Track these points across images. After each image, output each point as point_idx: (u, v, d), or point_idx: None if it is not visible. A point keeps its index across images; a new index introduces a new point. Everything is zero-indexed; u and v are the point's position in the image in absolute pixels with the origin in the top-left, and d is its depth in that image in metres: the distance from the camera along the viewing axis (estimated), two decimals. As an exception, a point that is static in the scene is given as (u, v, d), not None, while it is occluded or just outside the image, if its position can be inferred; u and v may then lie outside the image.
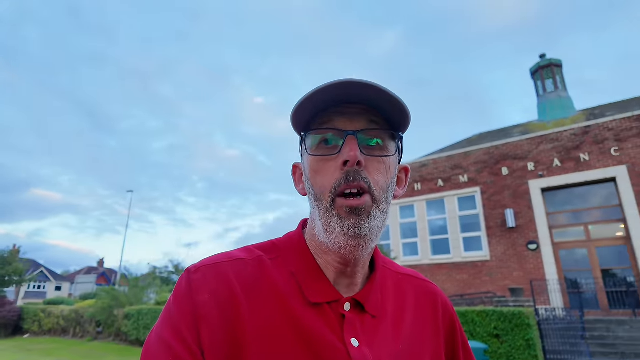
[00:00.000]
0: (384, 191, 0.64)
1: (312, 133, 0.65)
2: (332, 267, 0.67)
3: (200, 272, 0.64)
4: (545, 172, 12.94)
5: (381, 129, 0.64)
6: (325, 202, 0.62)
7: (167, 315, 0.62)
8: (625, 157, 11.82)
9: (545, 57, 19.21)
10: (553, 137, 13.21)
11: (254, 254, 0.69)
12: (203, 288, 0.61)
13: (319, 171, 0.64)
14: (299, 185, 0.75)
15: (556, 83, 18.60)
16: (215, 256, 0.68)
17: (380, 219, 0.63)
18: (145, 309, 12.85)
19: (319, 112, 0.64)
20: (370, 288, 0.69)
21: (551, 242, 12.34)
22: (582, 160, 12.45)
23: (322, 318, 0.63)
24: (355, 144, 0.61)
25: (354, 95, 0.60)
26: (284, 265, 0.68)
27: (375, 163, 0.64)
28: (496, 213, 13.38)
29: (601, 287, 11.46)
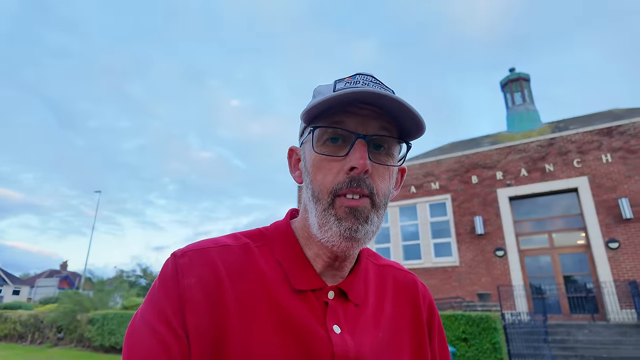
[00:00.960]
0: (385, 197, 0.65)
1: (320, 128, 0.64)
2: (320, 258, 0.67)
3: (187, 256, 0.63)
4: (512, 181, 13.41)
5: (392, 136, 0.64)
6: (324, 201, 0.62)
7: (152, 298, 0.61)
8: (586, 168, 12.41)
9: (515, 71, 19.99)
10: (520, 148, 13.72)
11: (240, 240, 0.69)
12: (189, 272, 0.61)
13: (321, 169, 0.63)
14: (294, 171, 0.74)
15: (524, 96, 19.37)
16: (201, 242, 0.68)
17: (377, 223, 0.63)
18: (110, 314, 12.41)
19: (330, 107, 0.62)
20: (354, 278, 0.70)
21: (517, 249, 12.76)
22: (547, 170, 12.98)
23: (306, 305, 0.63)
24: (365, 149, 0.60)
25: (368, 97, 0.59)
26: (270, 253, 0.68)
27: (381, 169, 0.63)
28: (466, 220, 13.74)
29: (563, 293, 11.94)
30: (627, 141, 12.10)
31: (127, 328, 0.61)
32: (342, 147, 0.63)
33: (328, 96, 0.59)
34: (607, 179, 12.00)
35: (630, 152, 11.96)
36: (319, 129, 0.64)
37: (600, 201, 11.90)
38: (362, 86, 0.61)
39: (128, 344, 0.58)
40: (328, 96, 0.59)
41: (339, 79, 0.66)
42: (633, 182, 11.65)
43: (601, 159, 12.28)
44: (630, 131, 12.17)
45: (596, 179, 12.16)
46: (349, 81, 0.64)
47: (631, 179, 11.70)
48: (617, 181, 11.86)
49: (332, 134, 0.63)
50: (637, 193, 11.48)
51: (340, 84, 0.64)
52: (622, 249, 11.27)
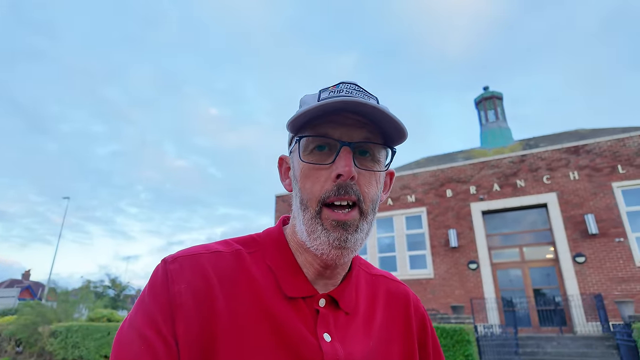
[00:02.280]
0: (373, 203, 0.65)
1: (306, 137, 0.65)
2: (311, 266, 0.68)
3: (177, 262, 0.63)
4: (485, 195, 13.75)
5: (376, 143, 0.65)
6: (312, 209, 0.63)
7: (141, 304, 0.60)
8: (555, 185, 12.88)
9: (489, 90, 20.69)
10: (493, 164, 14.13)
11: (232, 247, 0.69)
12: (179, 278, 0.61)
13: (309, 177, 0.64)
14: (284, 179, 0.75)
15: (497, 114, 20.03)
16: (192, 248, 0.67)
17: (366, 230, 0.64)
18: (75, 326, 11.86)
19: (315, 117, 0.63)
20: (345, 286, 0.70)
21: (490, 262, 13.03)
22: (518, 186, 13.39)
23: (297, 312, 0.63)
24: (350, 157, 0.61)
25: (350, 106, 0.60)
26: (262, 260, 0.68)
27: (367, 175, 0.64)
28: (440, 233, 13.96)
29: (533, 306, 12.23)
30: (593, 159, 12.66)
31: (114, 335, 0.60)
32: (329, 155, 0.64)
33: (310, 106, 0.60)
34: (574, 196, 12.48)
35: (595, 170, 12.50)
36: (305, 139, 0.65)
37: (568, 217, 12.34)
38: (345, 94, 0.63)
39: (116, 350, 0.57)
40: (310, 106, 0.60)
41: (323, 89, 0.67)
42: (598, 199, 12.15)
43: (569, 176, 12.77)
44: (596, 150, 12.74)
45: (564, 195, 12.63)
46: (332, 90, 0.65)
47: (596, 195, 12.21)
48: (583, 198, 12.35)
49: (318, 142, 0.64)
50: (602, 210, 11.98)
51: (325, 93, 0.65)
52: (588, 263, 11.69)
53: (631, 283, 11.07)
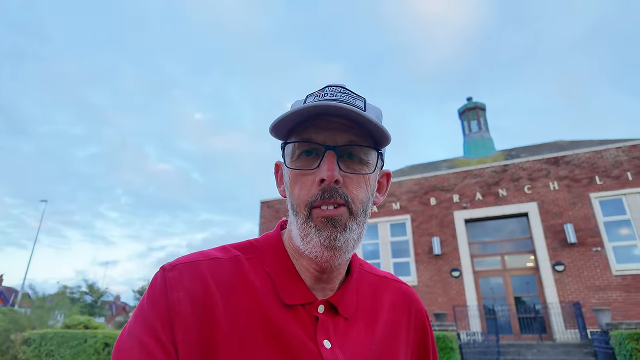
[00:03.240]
0: (363, 204, 0.65)
1: (291, 143, 0.65)
2: (307, 271, 0.67)
3: (176, 269, 0.63)
4: (468, 204, 13.96)
5: (361, 145, 0.64)
6: (302, 214, 0.63)
7: (140, 312, 0.61)
8: (536, 194, 13.17)
9: (472, 100, 21.10)
10: (476, 173, 14.37)
11: (230, 253, 0.69)
12: (178, 286, 0.61)
13: (296, 183, 0.65)
14: (280, 185, 0.75)
15: (480, 124, 20.43)
16: (191, 255, 0.67)
17: (357, 231, 0.64)
18: (50, 333, 11.46)
19: (299, 122, 0.64)
20: (344, 291, 0.70)
21: (472, 270, 13.20)
22: (500, 195, 13.65)
23: (296, 320, 0.63)
24: (333, 161, 0.61)
25: (334, 109, 0.60)
26: (261, 266, 0.68)
27: (355, 178, 0.64)
28: (424, 240, 14.08)
29: (514, 314, 12.41)
30: (572, 170, 13.01)
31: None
32: (315, 159, 0.64)
33: (290, 111, 0.60)
34: (554, 205, 12.78)
35: (574, 181, 12.85)
36: (292, 145, 0.66)
37: (547, 226, 12.62)
38: (329, 97, 0.63)
39: (116, 358, 0.57)
40: (290, 111, 0.60)
41: (310, 93, 0.67)
42: (577, 209, 12.47)
43: (549, 186, 13.09)
44: (575, 161, 13.11)
45: (544, 204, 12.92)
46: (318, 95, 0.65)
47: (575, 205, 12.53)
48: (563, 207, 12.66)
49: (304, 147, 0.64)
50: (581, 219, 12.29)
51: (311, 98, 0.65)
52: (567, 271, 11.95)
53: (608, 291, 11.36)
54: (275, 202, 17.41)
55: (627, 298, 11.14)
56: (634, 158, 12.41)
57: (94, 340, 10.75)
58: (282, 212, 17.04)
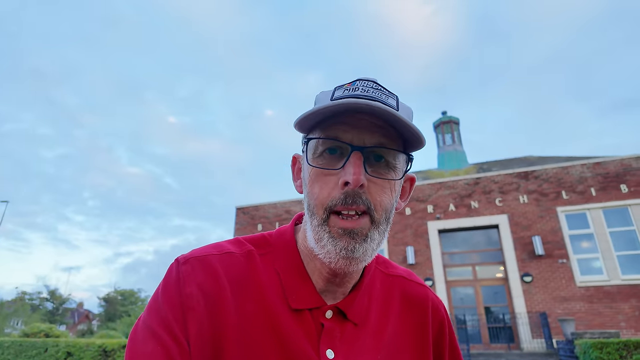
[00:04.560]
0: (387, 212, 0.61)
1: (316, 139, 0.62)
2: (320, 273, 0.65)
3: (189, 263, 0.63)
4: (442, 215, 14.25)
5: (390, 148, 0.60)
6: (319, 216, 0.59)
7: (154, 304, 0.61)
8: (506, 207, 13.60)
9: (447, 114, 21.68)
10: (450, 185, 14.72)
11: (244, 247, 0.68)
12: (191, 280, 0.61)
13: (317, 182, 0.61)
14: (296, 180, 0.72)
15: (454, 138, 21.00)
16: (205, 248, 0.67)
17: (377, 240, 0.60)
18: (7, 342, 10.85)
19: (326, 117, 0.60)
20: (355, 295, 0.67)
21: (444, 280, 13.43)
22: (472, 207, 14.01)
23: (301, 326, 0.62)
24: (360, 163, 0.57)
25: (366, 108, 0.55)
26: (272, 264, 0.67)
27: (380, 182, 0.60)
28: (399, 250, 14.25)
29: (484, 323, 12.69)
30: (540, 185, 13.52)
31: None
32: (339, 159, 0.60)
33: (319, 107, 0.57)
34: (523, 218, 13.23)
35: (542, 195, 13.35)
36: (315, 140, 0.62)
37: (517, 238, 13.03)
38: (360, 93, 0.59)
39: (130, 347, 0.58)
40: (319, 107, 0.57)
41: (338, 86, 0.63)
42: (544, 222, 12.95)
43: (519, 199, 13.54)
44: (543, 176, 13.64)
45: (514, 217, 13.35)
46: (347, 88, 0.61)
47: (543, 219, 13.01)
48: (531, 220, 13.12)
49: (328, 145, 0.60)
50: (548, 232, 12.77)
51: (339, 91, 0.61)
52: (534, 282, 12.34)
53: (572, 302, 11.80)
54: (250, 208, 17.24)
55: (589, 309, 11.60)
56: (598, 175, 13.04)
57: (56, 350, 10.24)
58: (257, 218, 16.88)
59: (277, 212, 16.72)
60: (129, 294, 38.37)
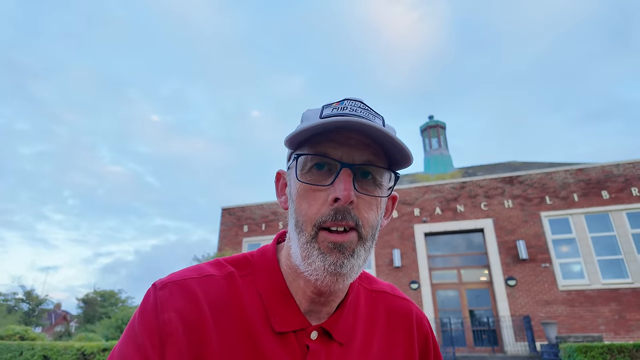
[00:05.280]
0: (373, 229, 0.61)
1: (305, 155, 0.61)
2: (304, 293, 0.64)
3: (167, 288, 0.61)
4: (428, 218, 14.34)
5: (379, 166, 0.61)
6: (307, 233, 0.59)
7: (130, 331, 0.59)
8: (491, 211, 13.76)
9: (433, 119, 21.89)
10: (436, 188, 14.83)
11: (224, 269, 0.66)
12: (169, 306, 0.59)
13: (306, 198, 0.60)
14: (280, 196, 0.71)
15: (440, 142, 21.21)
16: (183, 271, 0.65)
17: (363, 257, 0.60)
18: (-21, 344, 10.44)
19: (315, 134, 0.60)
20: (340, 314, 0.66)
21: (430, 283, 13.50)
22: (458, 210, 14.13)
23: (285, 349, 0.60)
24: (349, 180, 0.57)
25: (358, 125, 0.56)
26: (254, 284, 0.65)
27: (367, 199, 0.60)
28: (385, 252, 14.26)
29: (468, 326, 12.79)
30: (525, 190, 13.73)
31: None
32: (328, 175, 0.60)
33: (311, 124, 0.57)
34: (508, 222, 13.40)
35: (527, 200, 13.56)
36: (304, 157, 0.62)
37: (501, 242, 13.19)
38: (349, 112, 0.60)
39: None
40: (311, 124, 0.57)
41: (326, 104, 0.64)
42: (528, 226, 13.15)
43: (504, 204, 13.72)
44: (527, 181, 13.85)
45: (499, 221, 13.51)
46: (336, 107, 0.62)
47: (527, 223, 13.20)
48: (516, 225, 13.30)
49: (317, 161, 0.60)
50: (532, 236, 12.96)
51: (328, 110, 0.62)
52: (518, 286, 12.50)
53: (554, 305, 11.99)
54: (236, 209, 17.04)
55: (571, 312, 11.81)
56: (580, 181, 13.31)
57: (31, 353, 9.89)
58: (243, 219, 16.69)
59: (264, 214, 16.57)
60: (109, 294, 37.52)
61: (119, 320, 14.32)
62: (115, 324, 14.24)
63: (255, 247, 16.29)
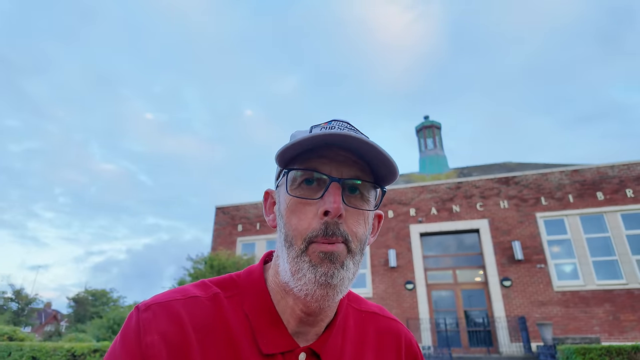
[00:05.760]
0: (361, 243, 0.62)
1: (295, 170, 0.62)
2: (292, 312, 0.63)
3: (151, 310, 0.60)
4: (424, 218, 14.28)
5: (367, 181, 0.62)
6: (297, 247, 0.59)
7: (111, 356, 0.58)
8: (487, 212, 13.73)
9: (429, 119, 21.87)
10: (432, 189, 14.78)
11: (210, 290, 0.65)
12: (152, 328, 0.58)
13: (295, 212, 0.61)
14: (269, 214, 0.71)
15: (435, 142, 21.20)
16: (168, 293, 0.64)
17: (352, 270, 0.60)
18: (-34, 345, 10.18)
19: (305, 151, 0.61)
20: (329, 334, 0.65)
21: (425, 283, 13.44)
22: (454, 211, 14.09)
23: None
24: (339, 193, 0.58)
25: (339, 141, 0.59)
26: (240, 306, 0.64)
27: (355, 213, 0.61)
28: (380, 252, 14.18)
29: (464, 327, 12.75)
30: (521, 191, 13.72)
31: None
32: (317, 190, 0.61)
33: (301, 138, 0.58)
34: (504, 223, 13.38)
35: (522, 201, 13.55)
36: (293, 172, 0.63)
37: (497, 242, 13.17)
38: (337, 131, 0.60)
39: None
40: (301, 138, 0.58)
41: (315, 125, 0.66)
42: (524, 227, 13.14)
43: (499, 204, 13.70)
44: (523, 182, 13.85)
45: (495, 222, 13.49)
46: (324, 127, 0.64)
47: (523, 224, 13.19)
48: (511, 225, 13.28)
49: (307, 176, 0.61)
50: (527, 237, 12.95)
51: (316, 129, 0.64)
52: (513, 287, 12.49)
53: (549, 306, 11.99)
54: (230, 208, 16.87)
55: (566, 313, 11.81)
56: (575, 182, 13.32)
57: (20, 354, 9.66)
58: (237, 218, 16.53)
59: (258, 213, 16.41)
60: (100, 294, 37.03)
61: (110, 320, 14.08)
62: (107, 324, 14.00)
63: (249, 246, 16.17)
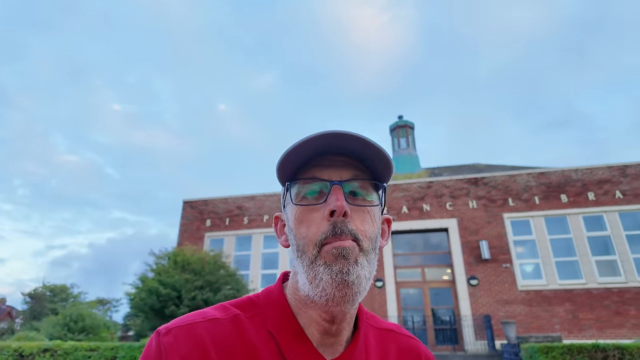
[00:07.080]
0: (372, 241, 0.62)
1: (297, 183, 0.64)
2: (316, 324, 0.63)
3: (172, 334, 0.59)
4: (395, 216, 14.33)
5: (365, 179, 0.64)
6: (310, 253, 0.60)
7: None
8: (456, 211, 13.91)
9: (402, 119, 22.07)
10: (404, 187, 14.85)
11: (230, 312, 0.65)
12: (174, 352, 0.57)
13: (303, 221, 0.62)
14: (280, 236, 0.72)
15: (409, 142, 21.41)
16: (188, 316, 0.63)
17: (367, 268, 0.60)
18: None
19: (302, 164, 0.64)
20: (354, 348, 0.66)
21: (394, 281, 13.49)
22: (424, 210, 14.21)
23: None
24: (341, 193, 0.60)
25: (334, 147, 0.61)
26: (262, 324, 0.64)
27: (361, 213, 0.62)
28: (351, 251, 14.12)
29: (430, 325, 12.87)
30: (489, 191, 13.98)
31: None
32: (320, 197, 0.62)
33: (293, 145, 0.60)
34: (472, 223, 13.60)
35: (490, 201, 13.81)
36: (296, 186, 0.64)
37: (465, 242, 13.37)
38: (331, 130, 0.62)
39: None
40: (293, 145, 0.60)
41: None
42: (492, 227, 13.39)
43: (468, 204, 13.91)
44: (492, 183, 14.12)
45: (463, 221, 13.69)
46: None
47: (490, 224, 13.44)
48: (479, 225, 13.51)
49: (309, 187, 0.63)
50: (494, 237, 13.21)
51: None
52: (480, 285, 12.70)
53: (514, 305, 12.27)
54: (199, 202, 16.38)
55: (529, 312, 12.12)
56: (542, 184, 13.69)
57: (-38, 353, 8.95)
58: (206, 213, 16.07)
59: (228, 208, 16.01)
60: (59, 289, 35.38)
61: (66, 317, 13.31)
62: (62, 321, 13.23)
63: (218, 242, 15.75)
